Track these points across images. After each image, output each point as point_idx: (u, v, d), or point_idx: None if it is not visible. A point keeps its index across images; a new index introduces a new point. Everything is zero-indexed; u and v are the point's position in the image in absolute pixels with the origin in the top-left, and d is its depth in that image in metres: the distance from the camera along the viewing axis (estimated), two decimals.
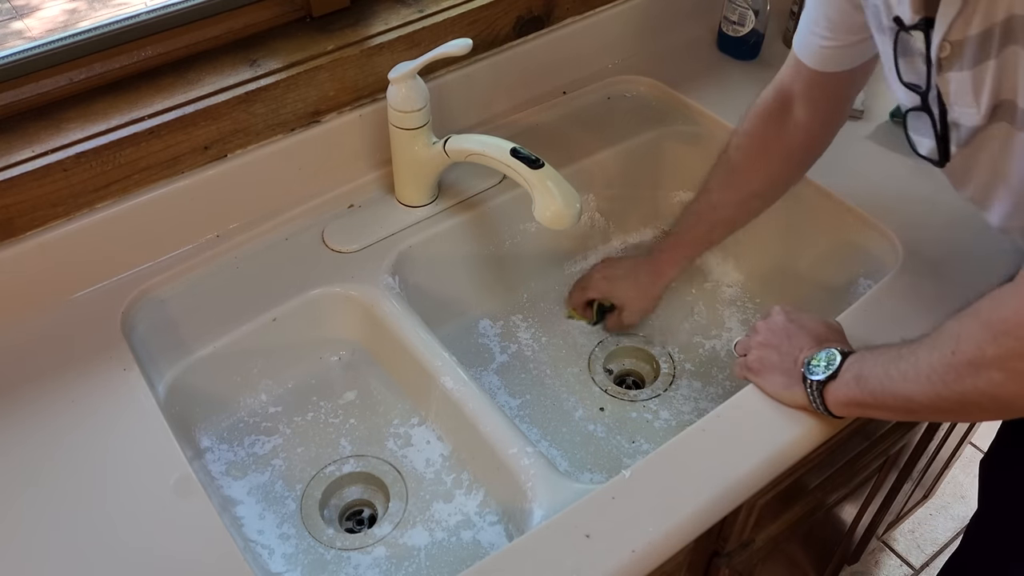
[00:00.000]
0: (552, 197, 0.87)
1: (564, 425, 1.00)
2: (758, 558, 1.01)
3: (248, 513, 0.88)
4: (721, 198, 1.00)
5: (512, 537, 0.84)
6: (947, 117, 0.71)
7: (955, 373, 0.66)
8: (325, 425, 0.96)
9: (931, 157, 0.76)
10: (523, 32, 1.12)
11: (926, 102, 0.72)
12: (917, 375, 0.69)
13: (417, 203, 1.03)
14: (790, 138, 0.96)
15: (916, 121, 0.75)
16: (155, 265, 0.94)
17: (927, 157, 0.77)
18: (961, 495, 1.74)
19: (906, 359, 0.71)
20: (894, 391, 0.71)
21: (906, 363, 0.71)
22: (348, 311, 0.96)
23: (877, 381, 0.73)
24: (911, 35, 0.69)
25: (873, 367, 0.74)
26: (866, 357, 0.75)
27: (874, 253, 1.00)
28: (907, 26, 0.69)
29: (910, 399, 0.71)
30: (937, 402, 0.69)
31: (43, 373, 0.84)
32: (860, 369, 0.75)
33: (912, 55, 0.71)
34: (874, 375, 0.73)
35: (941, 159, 0.74)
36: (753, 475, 0.77)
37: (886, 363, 0.72)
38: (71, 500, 0.75)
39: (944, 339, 0.68)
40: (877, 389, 0.73)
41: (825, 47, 0.86)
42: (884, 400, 0.73)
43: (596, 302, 1.09)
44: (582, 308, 1.10)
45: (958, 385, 0.66)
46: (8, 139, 0.86)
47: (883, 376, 0.72)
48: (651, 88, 1.21)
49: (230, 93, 0.92)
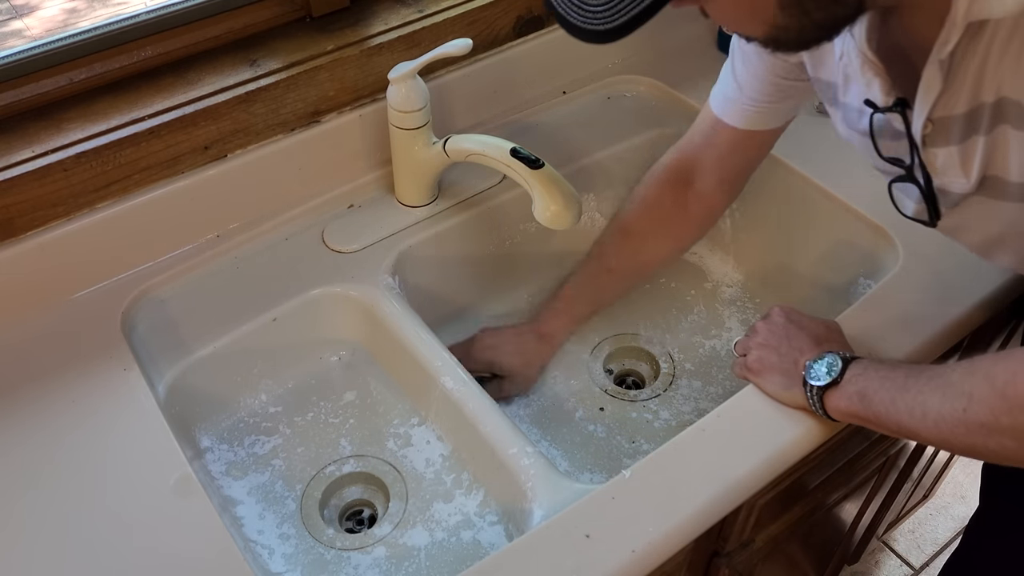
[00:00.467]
0: (552, 197, 0.87)
1: (564, 425, 1.00)
2: (758, 558, 1.01)
3: (248, 513, 0.88)
4: (616, 262, 1.00)
5: (512, 537, 0.84)
6: (932, 184, 0.70)
7: (965, 429, 0.66)
8: (325, 425, 0.96)
9: (920, 218, 0.75)
10: (523, 32, 1.12)
11: (912, 174, 0.71)
12: (924, 417, 0.69)
13: (417, 203, 1.03)
14: (690, 209, 0.97)
15: (900, 190, 0.75)
16: (155, 265, 0.94)
17: (915, 218, 0.76)
18: (961, 495, 1.74)
19: (913, 394, 0.70)
20: (899, 421, 0.71)
21: (913, 399, 0.70)
22: (348, 311, 0.96)
23: (882, 407, 0.72)
24: (887, 116, 0.69)
25: (879, 391, 0.73)
26: (870, 374, 0.74)
27: (874, 253, 1.00)
28: (881, 108, 0.68)
29: (915, 433, 0.71)
30: (943, 445, 0.70)
31: (43, 373, 0.84)
32: (864, 387, 0.74)
33: (890, 133, 0.71)
34: (879, 399, 0.72)
35: (932, 220, 0.73)
36: (753, 475, 0.77)
37: (893, 391, 0.72)
38: (71, 500, 0.75)
39: (955, 392, 0.67)
40: (881, 413, 0.72)
41: (751, 109, 0.87)
42: (887, 425, 0.72)
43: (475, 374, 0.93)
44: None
45: (967, 440, 0.66)
46: (8, 139, 0.86)
47: (888, 403, 0.72)
48: (651, 88, 1.21)
49: (230, 93, 0.92)
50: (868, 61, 0.67)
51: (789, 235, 1.10)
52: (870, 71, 0.67)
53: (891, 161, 0.72)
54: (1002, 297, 0.92)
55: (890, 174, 0.73)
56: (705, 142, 0.93)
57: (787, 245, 1.11)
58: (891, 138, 0.71)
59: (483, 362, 1.01)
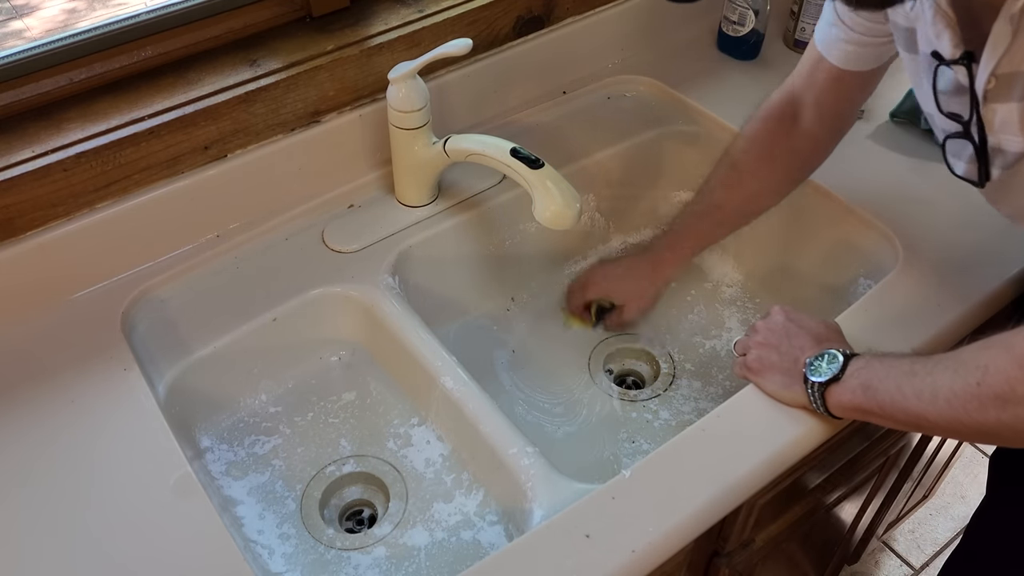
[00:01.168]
0: (552, 197, 0.87)
1: (564, 425, 1.00)
2: (758, 558, 1.01)
3: (248, 513, 0.88)
4: (724, 197, 1.00)
5: (512, 537, 0.84)
6: (987, 143, 0.71)
7: (978, 403, 0.66)
8: (325, 425, 0.96)
9: (969, 178, 0.75)
10: (523, 32, 1.12)
11: (968, 131, 0.71)
12: (934, 397, 0.68)
13: (417, 203, 1.03)
14: (796, 144, 0.96)
15: (955, 145, 0.75)
16: (155, 265, 0.94)
17: (964, 177, 0.76)
18: (961, 495, 1.74)
19: (921, 377, 0.70)
20: (906, 408, 0.71)
21: (921, 382, 0.70)
22: (348, 311, 0.96)
23: (887, 395, 0.72)
24: (952, 68, 0.69)
25: (883, 379, 0.73)
26: (874, 366, 0.75)
27: (874, 253, 1.00)
28: (947, 60, 0.68)
29: (922, 417, 0.70)
30: (953, 425, 0.69)
31: (43, 373, 0.84)
32: (868, 378, 0.74)
33: (952, 86, 0.71)
34: (884, 388, 0.72)
35: (981, 180, 0.74)
36: (753, 475, 0.77)
37: (898, 377, 0.72)
38: (70, 500, 0.75)
39: (969, 367, 0.67)
40: (886, 402, 0.72)
41: (848, 47, 0.86)
42: (893, 414, 0.72)
43: (595, 303, 1.08)
44: (580, 311, 1.09)
45: (980, 415, 0.66)
46: (8, 139, 0.86)
47: (894, 390, 0.72)
48: (651, 88, 1.21)
49: (230, 93, 0.92)
50: (940, 11, 0.67)
51: (789, 235, 1.10)
52: (941, 22, 0.67)
53: (950, 116, 0.72)
54: (1002, 296, 0.92)
55: (947, 130, 0.74)
56: (808, 79, 0.93)
57: (787, 245, 1.11)
58: (953, 93, 0.71)
59: (601, 290, 1.07)
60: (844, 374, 0.75)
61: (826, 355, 0.77)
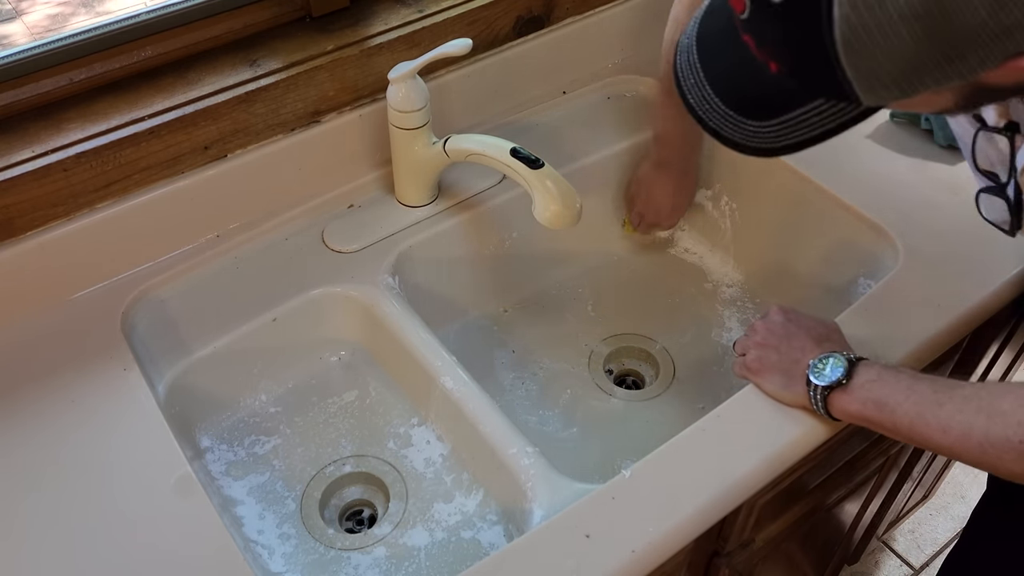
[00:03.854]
0: (552, 197, 0.87)
1: (564, 424, 1.00)
2: (758, 558, 1.01)
3: (248, 513, 0.88)
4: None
5: (512, 537, 0.84)
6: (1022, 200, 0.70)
7: (1015, 455, 0.65)
8: (325, 425, 0.96)
9: (1001, 227, 0.75)
10: (523, 32, 1.12)
11: (1004, 191, 0.71)
12: (965, 438, 0.68)
13: (417, 203, 1.03)
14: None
15: (987, 200, 0.75)
16: (155, 265, 0.94)
17: (996, 224, 0.76)
18: (961, 495, 1.74)
19: (948, 411, 0.69)
20: (926, 436, 0.70)
21: (949, 417, 0.69)
22: (348, 311, 0.96)
23: (906, 418, 0.71)
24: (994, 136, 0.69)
25: (903, 403, 0.72)
26: (888, 382, 0.74)
27: (874, 253, 1.00)
28: (991, 128, 0.68)
29: (943, 448, 0.70)
30: (980, 464, 0.69)
31: (43, 373, 0.84)
32: (883, 396, 0.73)
33: (993, 148, 0.71)
34: (903, 411, 0.71)
35: (1012, 231, 0.74)
36: (753, 475, 0.77)
37: (919, 403, 0.71)
38: (70, 500, 0.75)
39: (1009, 420, 0.66)
40: (904, 425, 0.71)
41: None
42: (909, 436, 0.72)
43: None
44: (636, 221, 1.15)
45: (1016, 466, 0.66)
46: (8, 139, 0.86)
47: (915, 416, 0.71)
48: (651, 88, 1.21)
49: (230, 93, 0.92)
50: None
51: (789, 235, 1.10)
52: None
53: (985, 174, 0.72)
54: (1002, 297, 0.92)
55: (981, 182, 0.74)
56: None
57: (787, 245, 1.11)
58: (993, 157, 0.71)
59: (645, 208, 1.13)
60: (851, 383, 0.75)
61: (831, 358, 0.77)
